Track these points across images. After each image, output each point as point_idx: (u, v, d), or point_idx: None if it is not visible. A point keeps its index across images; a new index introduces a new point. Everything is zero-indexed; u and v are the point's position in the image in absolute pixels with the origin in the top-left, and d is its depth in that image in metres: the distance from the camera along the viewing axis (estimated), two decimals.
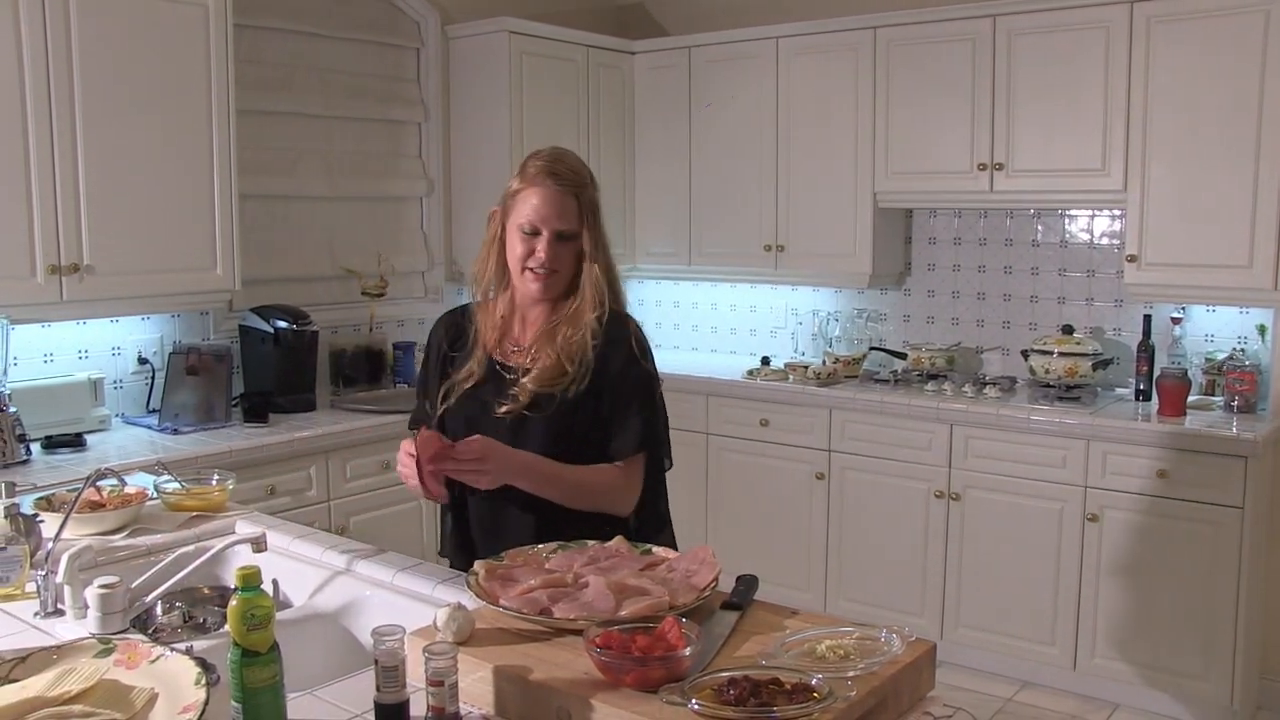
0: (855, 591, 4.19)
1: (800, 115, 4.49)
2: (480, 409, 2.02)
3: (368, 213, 4.42)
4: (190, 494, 2.36)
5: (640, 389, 2.02)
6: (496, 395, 2.01)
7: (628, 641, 1.42)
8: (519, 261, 2.02)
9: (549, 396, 1.97)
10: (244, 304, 3.81)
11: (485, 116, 4.49)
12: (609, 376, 2.00)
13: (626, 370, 2.01)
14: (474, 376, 2.05)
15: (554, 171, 2.00)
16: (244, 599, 1.33)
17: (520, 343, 2.08)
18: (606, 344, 2.01)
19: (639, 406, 2.01)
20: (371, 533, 3.44)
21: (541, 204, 2.00)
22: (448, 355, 2.13)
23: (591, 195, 2.04)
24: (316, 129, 4.21)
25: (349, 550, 2.08)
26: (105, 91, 3.18)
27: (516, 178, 2.05)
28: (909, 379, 4.37)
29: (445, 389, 2.07)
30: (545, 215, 1.99)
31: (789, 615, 1.66)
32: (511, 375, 2.03)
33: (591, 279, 2.02)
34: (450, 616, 1.53)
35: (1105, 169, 3.81)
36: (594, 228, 2.03)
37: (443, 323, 2.20)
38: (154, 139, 3.31)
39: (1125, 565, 3.66)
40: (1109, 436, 3.65)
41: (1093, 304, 4.26)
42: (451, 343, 2.14)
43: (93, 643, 1.47)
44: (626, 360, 2.01)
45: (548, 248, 1.99)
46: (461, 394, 2.05)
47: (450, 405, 2.05)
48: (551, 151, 2.05)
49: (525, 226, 2.00)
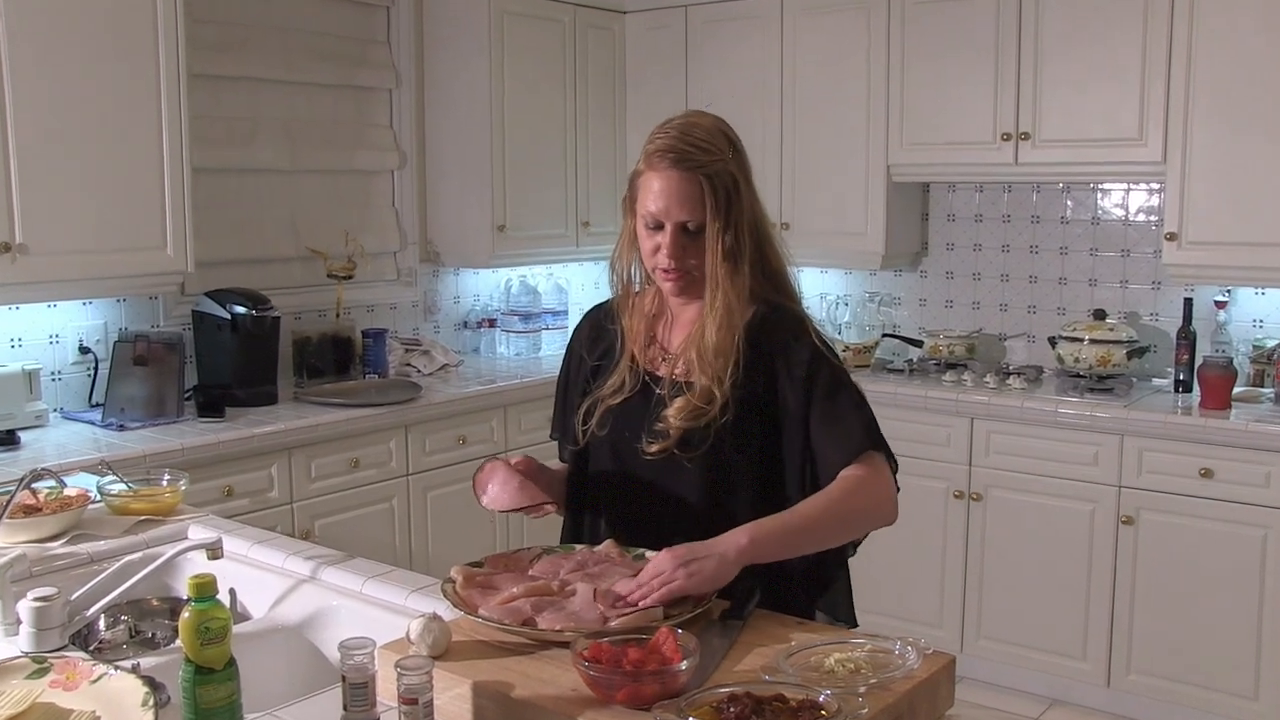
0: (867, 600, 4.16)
1: (807, 80, 4.48)
2: (628, 443, 1.89)
3: (334, 187, 4.41)
4: (138, 496, 2.34)
5: (838, 386, 1.85)
6: (645, 419, 1.88)
7: (619, 655, 1.42)
8: (648, 260, 1.89)
9: (701, 432, 1.82)
10: (197, 287, 3.80)
11: (463, 82, 4.48)
12: (781, 394, 1.84)
13: (814, 375, 1.84)
14: (622, 391, 1.91)
15: (672, 149, 1.82)
16: (198, 610, 1.33)
17: (668, 348, 1.95)
18: (770, 349, 1.85)
19: (847, 400, 1.84)
20: (339, 537, 3.44)
21: (660, 192, 1.83)
22: (590, 365, 2.00)
23: (727, 171, 1.83)
24: (277, 95, 4.19)
25: (314, 556, 2.07)
26: (39, 51, 3.15)
27: (641, 156, 1.89)
28: (925, 369, 4.37)
29: (588, 405, 1.94)
30: (665, 206, 1.82)
31: (795, 626, 1.66)
32: (661, 390, 1.89)
33: (725, 276, 1.83)
34: (425, 628, 1.52)
35: (1142, 138, 3.81)
36: (731, 212, 1.83)
37: (586, 324, 2.08)
38: (95, 105, 3.28)
39: (1164, 572, 3.67)
40: (1145, 431, 3.66)
41: (1127, 286, 4.26)
42: (591, 348, 2.02)
43: (26, 662, 1.46)
44: (809, 362, 1.84)
45: (672, 244, 1.84)
46: (606, 412, 1.92)
47: (594, 428, 1.92)
48: (682, 123, 1.86)
49: (647, 219, 1.85)
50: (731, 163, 1.84)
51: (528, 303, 4.84)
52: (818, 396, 1.83)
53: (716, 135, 1.85)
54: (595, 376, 1.98)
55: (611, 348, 1.99)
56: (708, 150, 1.83)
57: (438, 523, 3.92)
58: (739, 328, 1.84)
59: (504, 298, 4.90)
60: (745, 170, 1.88)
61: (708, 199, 1.81)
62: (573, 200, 4.77)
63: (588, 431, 1.93)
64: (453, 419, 3.97)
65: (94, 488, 2.37)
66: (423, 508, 3.90)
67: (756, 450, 1.85)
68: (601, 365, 1.98)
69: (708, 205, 1.82)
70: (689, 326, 1.91)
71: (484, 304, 4.89)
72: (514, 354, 4.73)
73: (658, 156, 1.83)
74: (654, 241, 1.86)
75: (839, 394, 1.84)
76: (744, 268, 1.85)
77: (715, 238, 1.83)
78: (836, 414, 1.82)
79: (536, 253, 4.73)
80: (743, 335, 1.85)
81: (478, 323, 4.83)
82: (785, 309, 1.91)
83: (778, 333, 1.87)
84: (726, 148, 1.85)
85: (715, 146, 1.84)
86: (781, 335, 1.87)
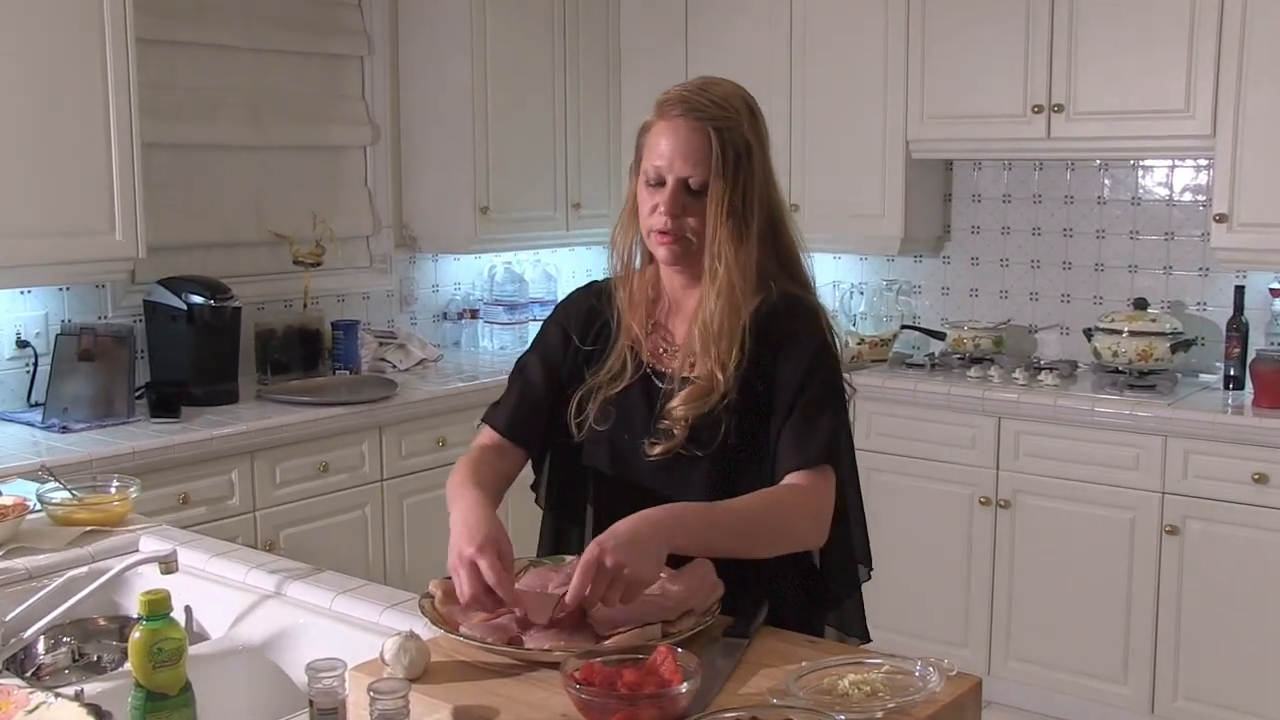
0: (884, 616, 4.17)
1: (818, 46, 4.48)
2: (628, 443, 1.89)
3: (300, 165, 4.40)
4: (83, 505, 2.34)
5: (830, 391, 1.86)
6: (647, 417, 1.88)
7: (613, 676, 1.42)
8: (644, 222, 1.87)
9: (710, 427, 1.83)
10: (150, 275, 3.79)
11: (442, 48, 4.47)
12: (779, 381, 1.84)
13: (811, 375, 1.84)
14: (621, 379, 1.90)
15: (685, 99, 1.83)
16: (149, 630, 1.32)
17: (676, 340, 1.93)
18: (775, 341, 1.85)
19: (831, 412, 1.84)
20: (306, 549, 3.44)
21: (665, 144, 1.83)
22: (584, 352, 1.97)
23: (740, 134, 1.83)
24: (238, 64, 4.18)
25: (279, 570, 2.08)
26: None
27: (653, 108, 1.89)
28: (948, 363, 4.38)
29: (583, 394, 1.92)
30: (669, 158, 1.82)
31: (805, 644, 1.66)
32: (666, 386, 1.88)
33: (727, 242, 1.82)
34: (401, 648, 1.53)
35: (1189, 109, 3.80)
36: (740, 175, 1.83)
37: (575, 304, 2.04)
38: (32, 73, 3.27)
39: (1212, 587, 3.68)
40: (1192, 432, 3.66)
41: (1172, 273, 4.27)
42: (584, 332, 1.98)
43: None
44: (811, 355, 1.85)
45: (670, 200, 1.82)
46: (604, 404, 1.91)
47: (591, 422, 1.90)
48: (700, 80, 1.88)
49: (649, 175, 1.85)
50: (747, 127, 1.85)
51: (513, 292, 4.84)
52: (805, 399, 1.84)
53: (734, 98, 1.87)
54: (589, 364, 1.97)
55: (606, 332, 1.98)
56: (722, 107, 1.84)
57: (415, 532, 3.92)
58: (745, 309, 1.84)
59: (487, 286, 4.89)
60: (762, 140, 1.89)
61: (715, 155, 1.81)
62: (563, 179, 4.76)
63: (583, 425, 1.93)
64: (431, 419, 3.97)
65: (33, 496, 2.36)
66: (398, 516, 3.89)
67: (760, 450, 1.86)
68: (595, 351, 1.97)
69: (714, 162, 1.81)
70: (693, 315, 1.90)
71: (465, 293, 4.89)
72: (498, 348, 4.73)
73: (669, 105, 1.85)
74: (653, 200, 1.86)
75: (826, 401, 1.85)
76: (751, 240, 1.85)
77: (720, 199, 1.82)
78: (811, 417, 1.83)
79: (523, 237, 4.72)
80: (750, 323, 1.85)
81: (458, 314, 4.83)
82: (798, 299, 1.92)
83: (787, 323, 1.88)
84: (743, 110, 1.86)
85: (731, 106, 1.85)
86: (791, 326, 1.87)
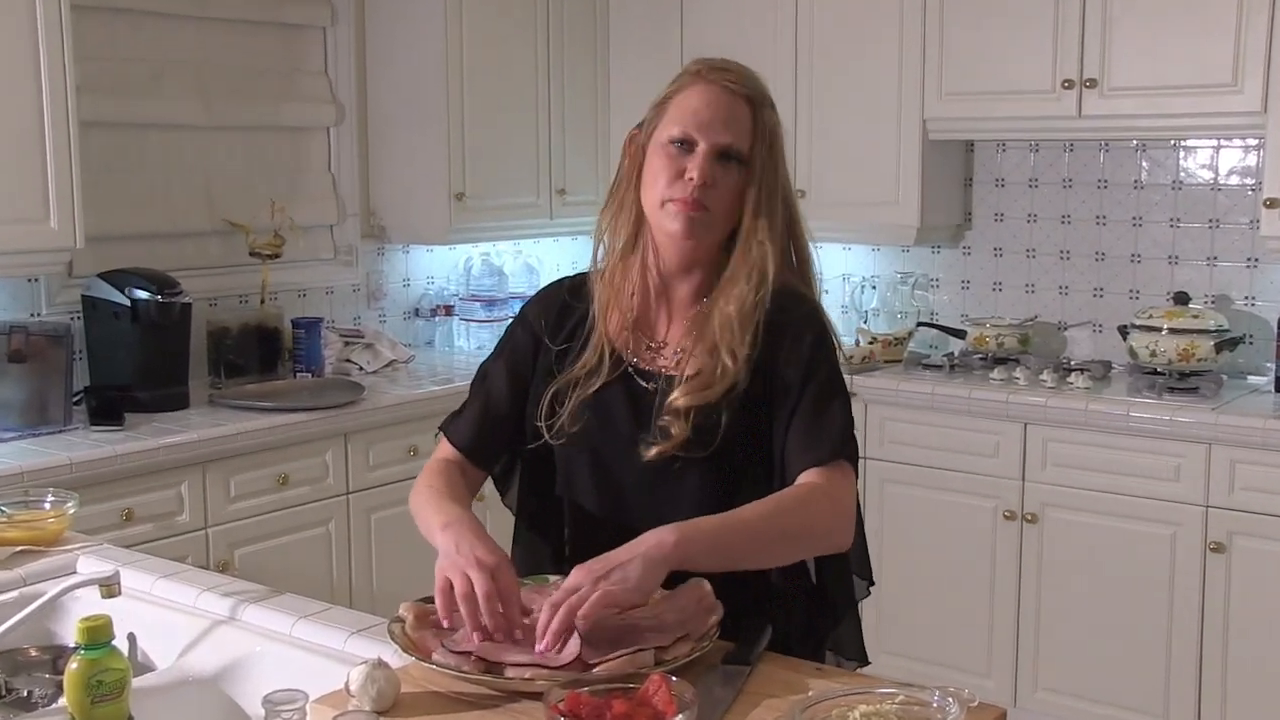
0: (898, 642, 4.19)
1: (827, 19, 4.49)
2: (614, 446, 1.91)
3: (257, 147, 4.40)
4: (14, 522, 2.33)
5: (835, 386, 1.91)
6: (632, 418, 1.91)
7: (602, 708, 1.42)
8: (661, 191, 1.89)
9: (711, 422, 1.85)
10: (90, 268, 3.79)
11: (413, 19, 4.47)
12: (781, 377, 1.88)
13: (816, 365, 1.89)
14: (598, 375, 1.92)
15: (727, 67, 1.91)
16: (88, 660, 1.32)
17: (661, 338, 1.97)
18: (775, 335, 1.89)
19: (839, 404, 1.89)
20: (264, 569, 3.44)
21: (704, 105, 1.87)
22: (555, 351, 2.00)
23: (770, 118, 1.92)
24: (186, 34, 4.18)
25: (233, 593, 2.07)
26: None
27: (675, 81, 1.95)
28: (969, 364, 4.39)
29: (555, 392, 1.95)
30: (706, 119, 1.87)
31: (812, 672, 1.66)
32: (652, 385, 1.92)
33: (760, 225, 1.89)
34: (368, 677, 1.53)
35: (1237, 83, 3.81)
36: (769, 160, 1.91)
37: (543, 303, 2.07)
38: None
39: (1264, 609, 3.68)
40: (1239, 440, 3.67)
41: (1216, 265, 4.27)
42: (555, 332, 2.01)
43: None
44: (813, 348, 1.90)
45: (703, 164, 1.86)
46: (581, 403, 1.92)
47: (565, 423, 1.92)
48: (727, 58, 1.97)
49: (676, 134, 1.88)
50: (775, 114, 1.93)
51: (491, 286, 4.84)
52: (809, 394, 1.88)
53: (762, 82, 1.95)
54: (560, 363, 2.00)
55: (580, 329, 2.00)
56: (758, 85, 1.93)
57: (383, 551, 3.92)
58: (765, 301, 1.88)
59: (463, 280, 4.90)
60: (781, 136, 1.96)
61: (754, 129, 1.89)
62: (546, 163, 4.76)
63: (555, 426, 1.94)
64: (402, 426, 3.97)
65: None
66: (365, 532, 3.89)
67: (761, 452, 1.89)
68: (569, 349, 2.00)
69: (754, 137, 1.89)
70: (686, 309, 1.94)
71: (439, 288, 4.90)
72: (475, 347, 4.73)
73: (707, 69, 1.91)
74: (677, 166, 1.88)
75: (832, 394, 1.90)
76: (778, 227, 1.92)
77: (756, 176, 1.89)
78: (820, 413, 1.87)
79: (502, 226, 4.72)
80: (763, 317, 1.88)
81: (431, 310, 4.84)
82: (803, 297, 1.96)
83: (792, 318, 1.91)
84: (771, 100, 1.94)
85: (763, 89, 1.94)
86: (795, 319, 1.91)
